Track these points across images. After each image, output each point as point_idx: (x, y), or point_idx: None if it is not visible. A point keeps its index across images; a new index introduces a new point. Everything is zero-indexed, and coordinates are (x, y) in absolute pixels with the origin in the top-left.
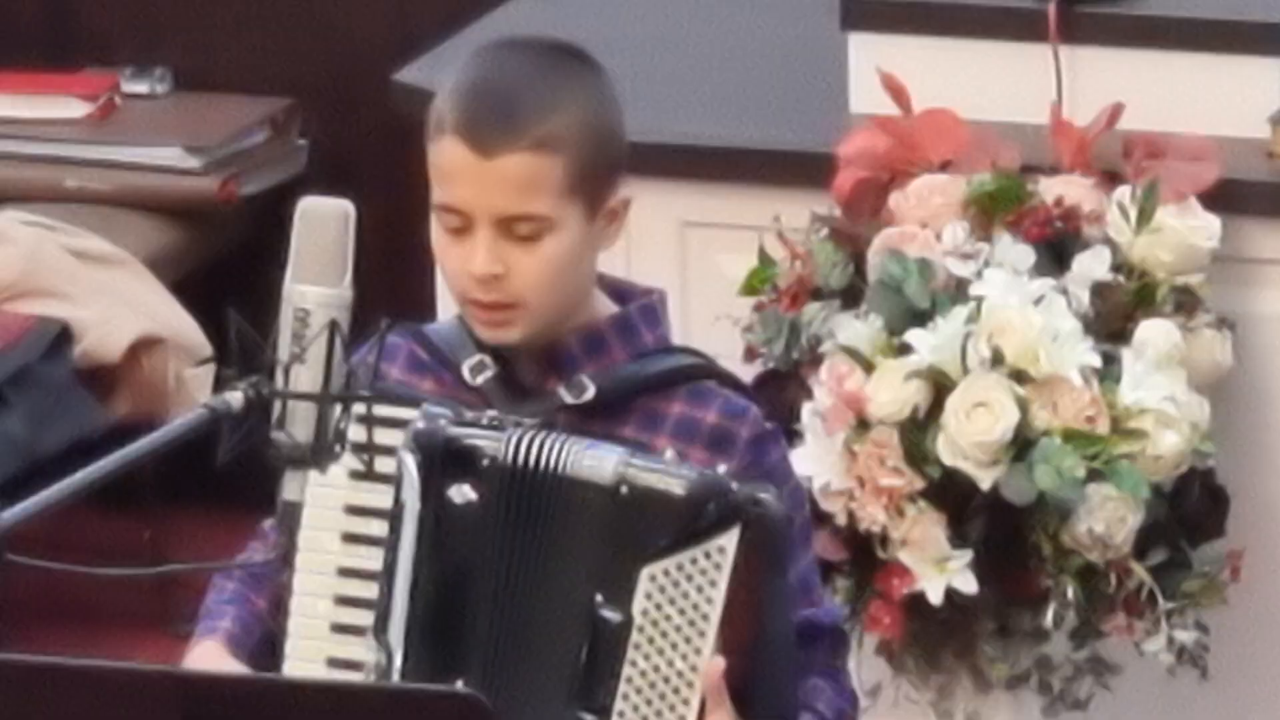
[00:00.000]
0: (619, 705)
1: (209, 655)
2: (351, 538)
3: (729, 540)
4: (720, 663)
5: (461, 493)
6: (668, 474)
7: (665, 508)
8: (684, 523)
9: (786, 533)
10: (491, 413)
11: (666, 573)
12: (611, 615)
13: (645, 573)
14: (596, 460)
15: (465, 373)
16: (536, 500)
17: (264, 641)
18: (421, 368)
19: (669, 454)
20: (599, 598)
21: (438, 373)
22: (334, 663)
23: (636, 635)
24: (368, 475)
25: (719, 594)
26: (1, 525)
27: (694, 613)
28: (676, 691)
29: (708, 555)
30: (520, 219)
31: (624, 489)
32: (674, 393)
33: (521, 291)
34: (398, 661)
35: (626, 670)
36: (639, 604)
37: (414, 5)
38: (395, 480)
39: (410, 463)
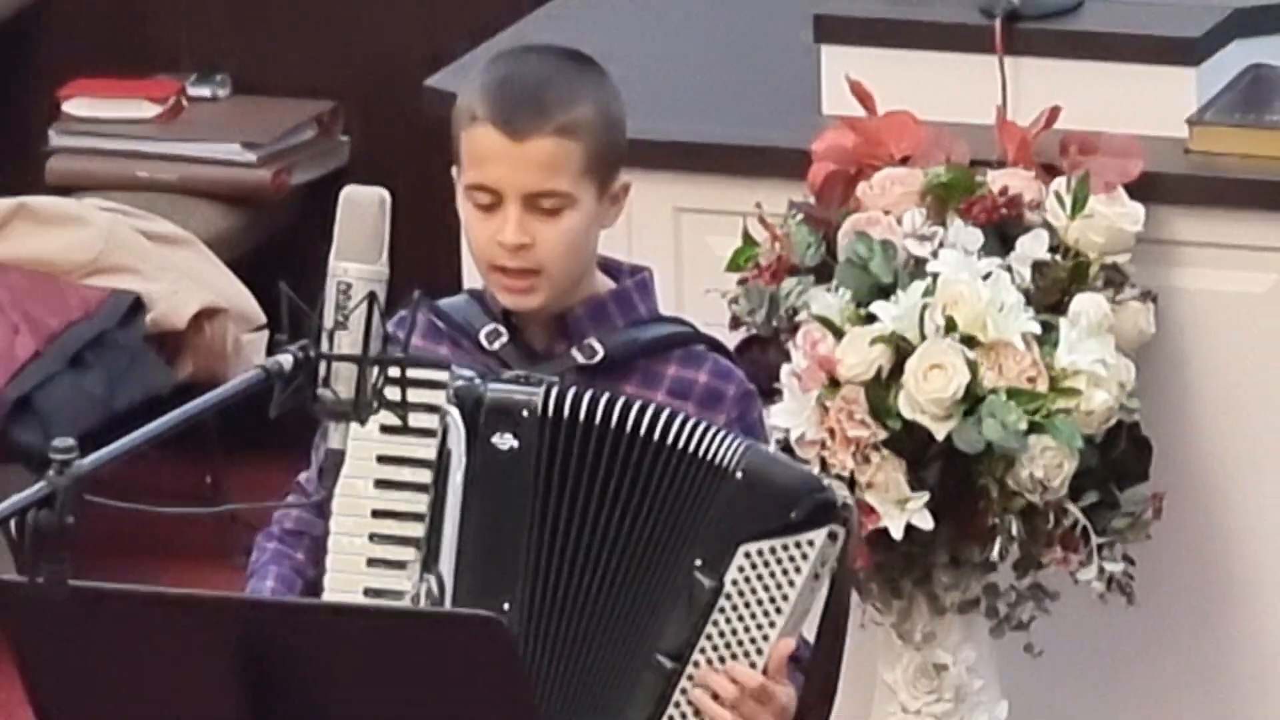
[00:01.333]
0: (695, 657)
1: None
2: (383, 483)
3: (818, 535)
4: (790, 643)
5: (505, 440)
6: (776, 464)
7: (772, 496)
8: (785, 513)
9: (859, 532)
10: (518, 372)
11: (760, 554)
12: (706, 579)
13: (742, 550)
14: (709, 437)
15: (482, 339)
16: (590, 449)
17: (304, 591)
18: (439, 335)
19: (683, 405)
20: (698, 561)
21: (455, 340)
22: (369, 593)
23: (724, 601)
24: (402, 429)
25: (801, 580)
26: (82, 471)
27: (776, 592)
28: (746, 656)
29: (798, 545)
30: (545, 195)
31: (739, 471)
32: (669, 355)
33: (544, 259)
34: (449, 591)
35: (708, 629)
36: (732, 574)
37: (442, 21)
38: (436, 432)
39: (455, 416)
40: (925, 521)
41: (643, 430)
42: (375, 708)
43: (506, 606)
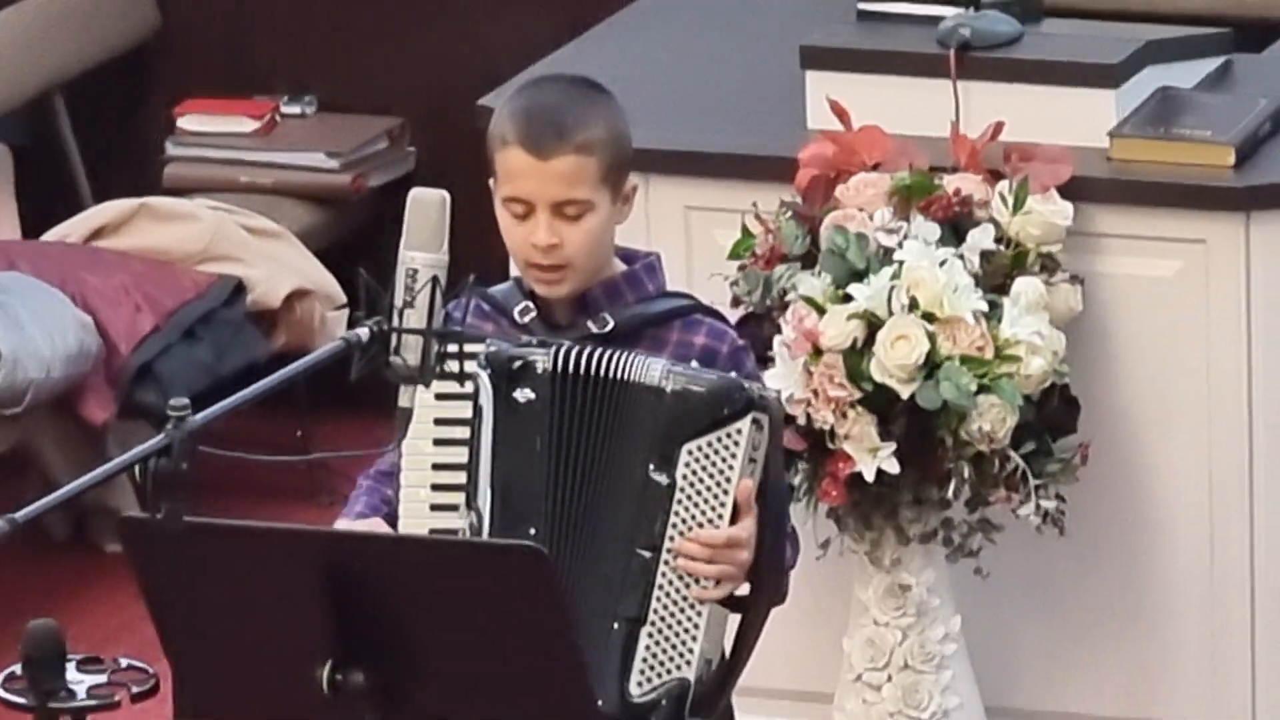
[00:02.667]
0: (666, 545)
1: (341, 527)
2: (441, 441)
3: (744, 424)
4: (749, 484)
5: (524, 394)
6: (698, 377)
7: (699, 402)
8: (713, 409)
9: (782, 418)
10: (535, 338)
11: (700, 448)
12: (660, 478)
13: (684, 449)
14: (645, 368)
15: (515, 315)
16: (584, 397)
17: (389, 519)
18: (484, 315)
19: (693, 364)
20: (651, 466)
21: (496, 319)
22: (434, 533)
23: (679, 494)
24: (453, 396)
25: (738, 462)
26: (194, 425)
27: (719, 475)
28: (709, 520)
29: (729, 435)
30: (569, 203)
31: (668, 389)
32: (672, 324)
33: (571, 256)
34: (486, 522)
35: (672, 518)
36: (682, 469)
37: (493, 52)
38: (472, 393)
39: (484, 377)
40: (892, 466)
41: (612, 373)
42: (438, 626)
43: (533, 532)
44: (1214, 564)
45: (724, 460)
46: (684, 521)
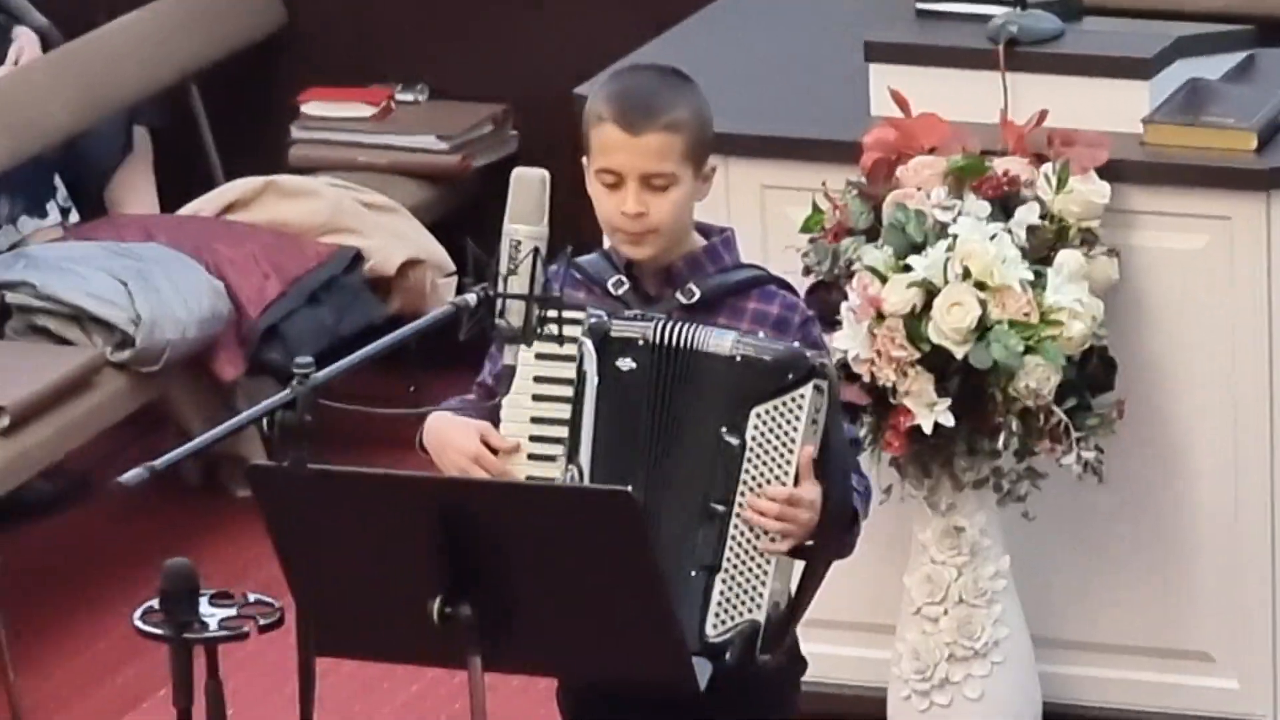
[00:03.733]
0: (737, 499)
1: (438, 419)
2: (538, 397)
3: (806, 390)
4: (811, 450)
5: (625, 363)
6: (765, 347)
7: (765, 370)
8: (777, 377)
9: (839, 383)
10: (636, 311)
11: (767, 411)
12: (732, 440)
13: (753, 412)
14: (719, 340)
15: (609, 286)
16: (674, 367)
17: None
18: (576, 284)
19: (761, 334)
20: (724, 429)
21: (589, 287)
22: (530, 479)
23: (748, 453)
24: (552, 357)
25: (801, 424)
26: (317, 381)
27: (785, 436)
28: (777, 479)
29: (794, 399)
30: (656, 175)
31: (738, 358)
32: (749, 294)
33: (655, 223)
34: (586, 476)
35: (743, 475)
36: (751, 432)
37: (586, 45)
38: (575, 358)
39: (589, 345)
40: (948, 420)
41: (692, 345)
42: (539, 565)
43: (630, 488)
44: (1237, 509)
45: (789, 422)
46: (754, 479)
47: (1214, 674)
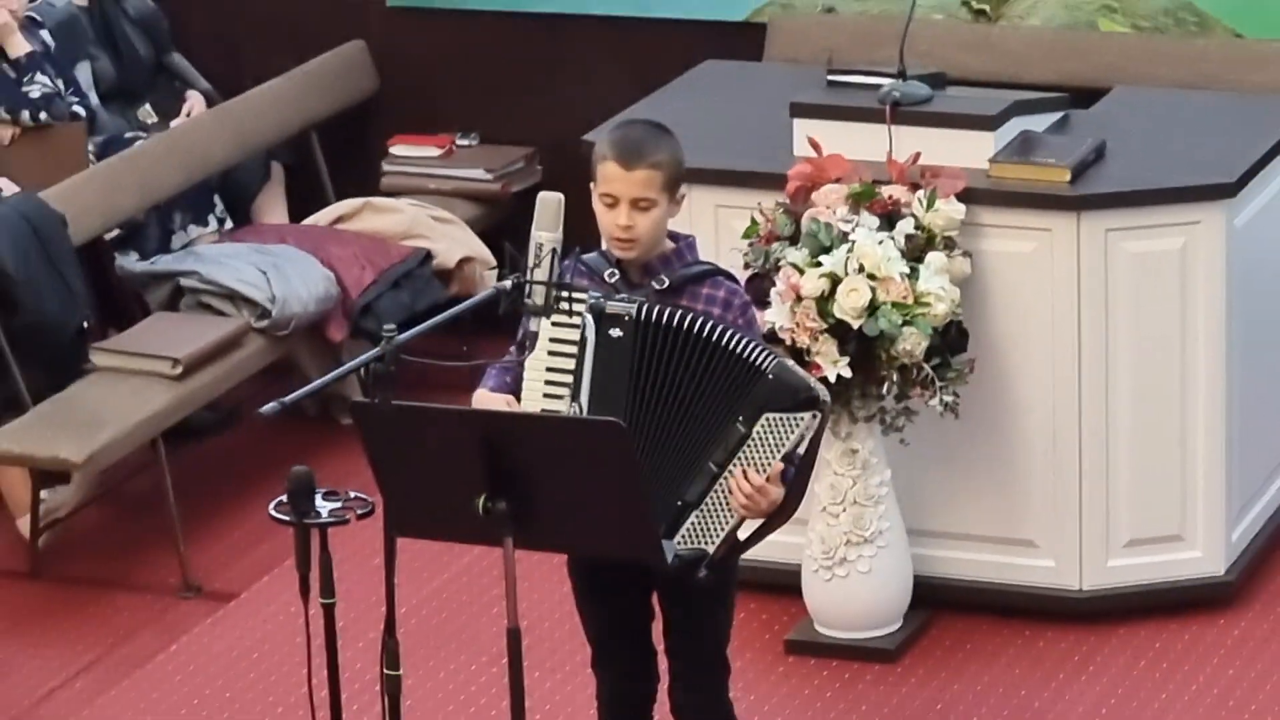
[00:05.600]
0: (730, 467)
1: (481, 394)
2: (552, 354)
3: (809, 415)
4: (780, 466)
5: (616, 332)
6: (792, 371)
7: (789, 390)
8: (795, 399)
9: (829, 416)
10: (624, 295)
11: (777, 420)
12: (742, 428)
13: (765, 415)
14: (753, 349)
15: (605, 276)
16: (664, 339)
17: (510, 391)
18: (581, 274)
19: (716, 311)
20: (740, 418)
21: (590, 276)
22: (545, 412)
23: (750, 440)
24: (563, 325)
25: (794, 437)
26: (398, 342)
27: (778, 441)
28: (758, 471)
29: (798, 418)
30: (642, 199)
31: (769, 372)
32: (704, 282)
33: (640, 234)
34: (585, 411)
35: (740, 453)
36: (759, 428)
37: (592, 103)
38: (579, 327)
39: (589, 319)
40: (847, 372)
41: (697, 334)
42: (553, 474)
43: (619, 420)
44: (1055, 436)
45: (787, 432)
46: (747, 458)
47: (1037, 556)
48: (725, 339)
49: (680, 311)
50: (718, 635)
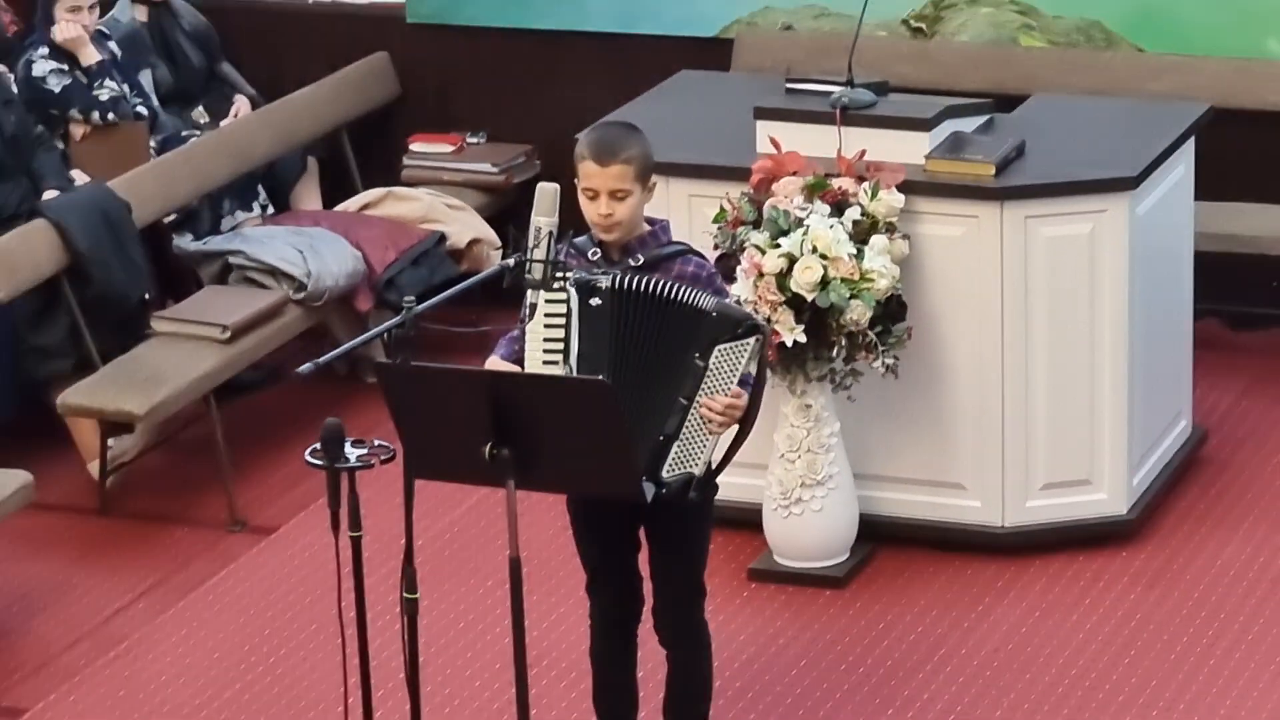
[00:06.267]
0: (698, 398)
1: (492, 360)
2: (548, 325)
3: (753, 339)
4: (740, 389)
5: (596, 301)
6: (732, 308)
7: (732, 322)
8: (735, 329)
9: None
10: (603, 270)
11: (727, 349)
12: (700, 363)
13: (717, 347)
14: (701, 298)
15: (588, 255)
16: (643, 305)
17: (515, 362)
18: (572, 255)
19: (689, 287)
20: (696, 355)
21: (578, 257)
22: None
23: (709, 372)
24: (556, 299)
25: (745, 359)
26: (417, 310)
27: (733, 365)
28: (724, 389)
29: (744, 343)
30: (618, 191)
31: (716, 313)
32: (675, 259)
33: (618, 220)
34: (574, 371)
35: (703, 385)
36: (713, 359)
37: (580, 107)
38: (566, 299)
39: (572, 290)
40: (802, 339)
41: (657, 295)
42: (550, 426)
43: (600, 378)
44: (981, 394)
45: (737, 357)
46: (707, 388)
47: (965, 497)
48: (676, 294)
49: (643, 278)
50: (694, 565)
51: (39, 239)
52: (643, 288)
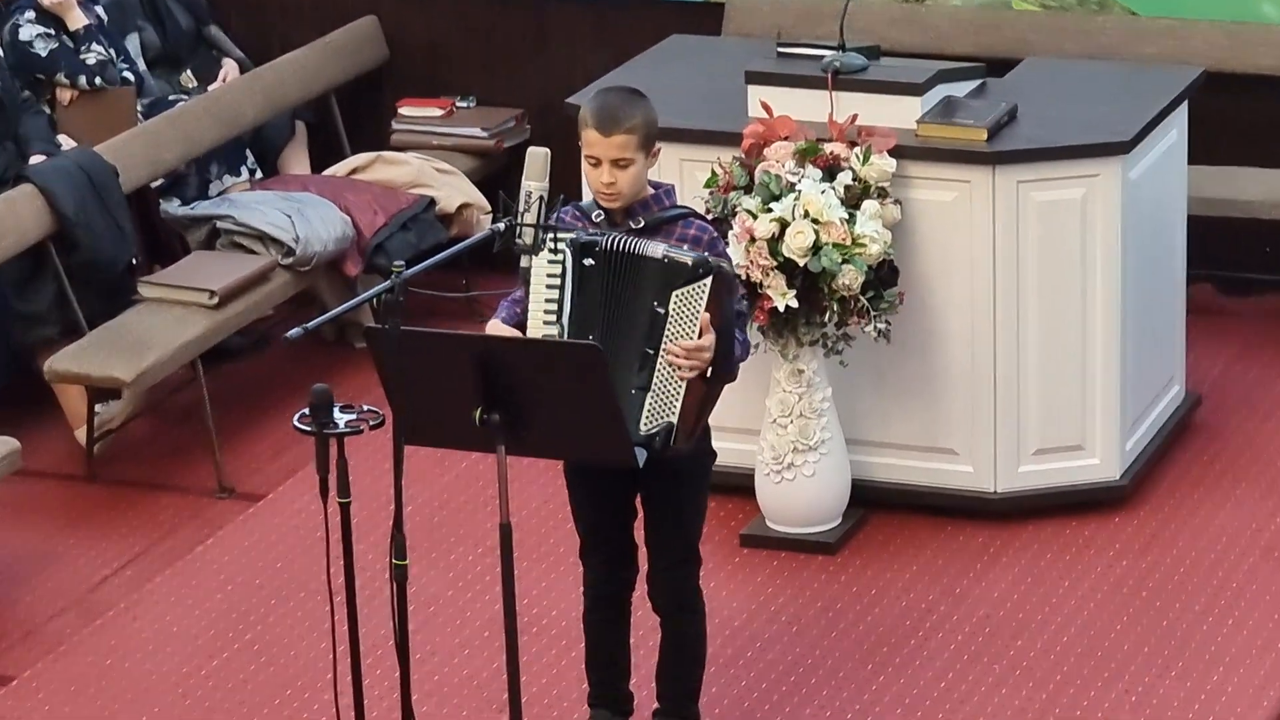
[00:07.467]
0: (663, 344)
1: (493, 323)
2: (548, 286)
3: (708, 280)
4: (707, 317)
5: (589, 261)
6: (683, 253)
7: (683, 267)
8: (690, 273)
9: (733, 279)
10: (596, 230)
11: (684, 293)
12: (661, 310)
13: (676, 293)
14: (653, 249)
15: (592, 218)
16: (617, 263)
17: (517, 326)
18: (576, 217)
19: (685, 247)
20: (655, 303)
21: (581, 220)
22: (545, 337)
23: (670, 318)
24: (553, 262)
25: (703, 302)
26: (406, 276)
27: (692, 309)
28: (687, 337)
29: (700, 286)
30: (621, 159)
31: (666, 259)
32: (677, 223)
33: (621, 188)
34: (566, 332)
35: (666, 331)
36: (672, 305)
37: (574, 70)
38: (562, 260)
39: (568, 250)
40: (794, 303)
41: (624, 252)
42: (541, 390)
43: (591, 338)
44: (973, 358)
45: (696, 299)
46: (672, 334)
47: (957, 463)
48: (640, 249)
49: (626, 237)
50: (689, 532)
51: (25, 204)
52: (612, 246)
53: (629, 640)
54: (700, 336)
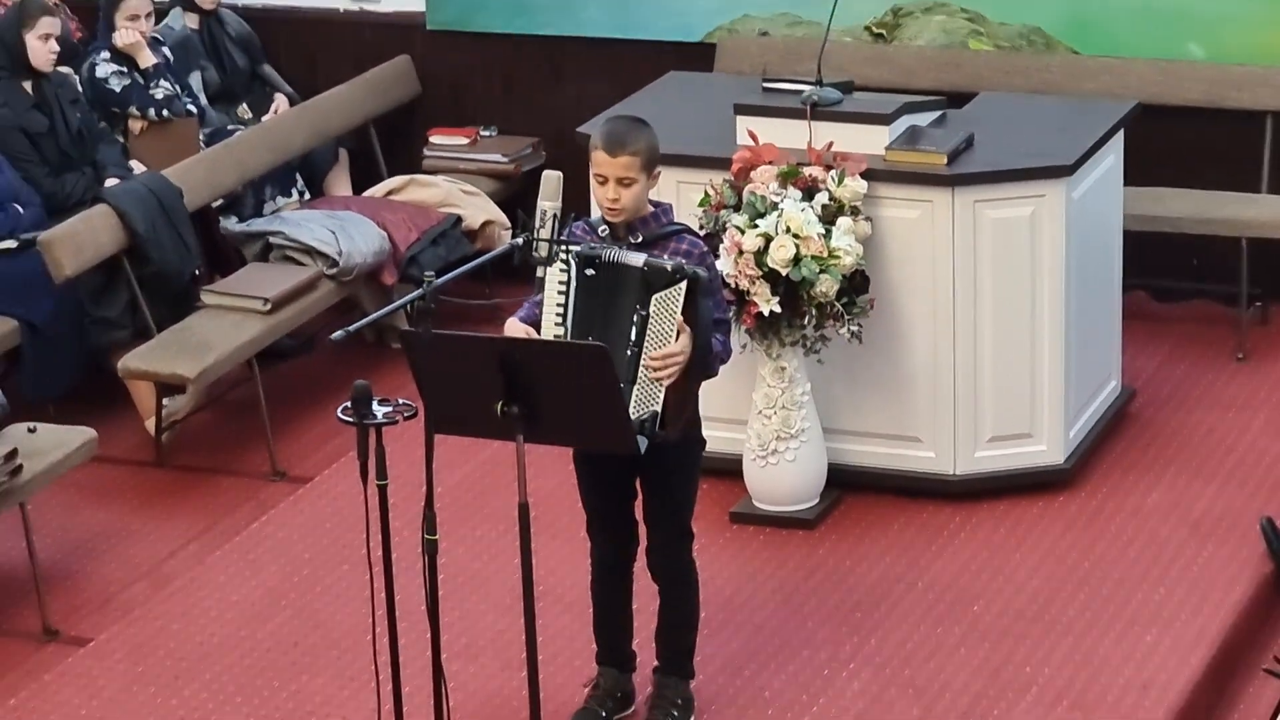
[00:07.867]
0: (645, 345)
1: (511, 321)
2: (558, 293)
3: (684, 284)
4: (680, 318)
5: (590, 271)
6: (663, 261)
7: (661, 273)
8: (667, 279)
9: (709, 286)
10: (599, 243)
11: (662, 297)
12: (642, 312)
13: (655, 296)
14: (635, 259)
15: (598, 233)
16: (609, 273)
17: (534, 323)
18: (586, 232)
19: (664, 257)
20: (638, 306)
21: (589, 233)
22: (555, 338)
23: (651, 320)
24: (563, 272)
25: (679, 305)
26: (436, 284)
27: (670, 311)
28: (665, 339)
29: (677, 290)
30: (625, 179)
31: (646, 268)
32: (672, 238)
33: (624, 205)
34: (569, 334)
35: (647, 332)
36: (652, 307)
37: (583, 102)
38: (569, 270)
39: (572, 261)
40: (777, 309)
41: (615, 263)
42: (555, 386)
43: (590, 338)
44: (935, 355)
45: (673, 303)
46: (651, 334)
47: (921, 449)
48: (623, 259)
49: (612, 251)
50: (682, 510)
51: (102, 222)
52: (608, 259)
53: (631, 606)
54: (677, 338)
